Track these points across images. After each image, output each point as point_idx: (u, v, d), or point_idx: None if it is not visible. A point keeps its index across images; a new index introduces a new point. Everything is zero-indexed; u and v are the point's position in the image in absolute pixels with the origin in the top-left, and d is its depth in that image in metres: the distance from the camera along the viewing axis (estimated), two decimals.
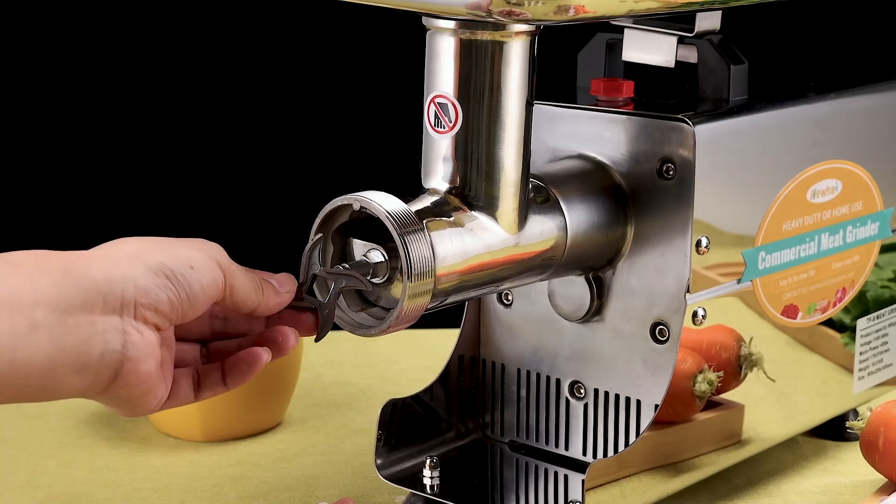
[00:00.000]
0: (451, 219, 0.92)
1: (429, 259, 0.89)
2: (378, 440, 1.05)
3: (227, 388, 0.88)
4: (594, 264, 1.01)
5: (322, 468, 1.14)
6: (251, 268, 0.88)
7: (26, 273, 0.78)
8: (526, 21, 0.88)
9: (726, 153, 1.00)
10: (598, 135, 1.01)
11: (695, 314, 0.99)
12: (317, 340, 0.91)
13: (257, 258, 1.82)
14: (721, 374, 1.02)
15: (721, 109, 1.02)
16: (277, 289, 0.88)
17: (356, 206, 0.89)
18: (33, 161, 1.74)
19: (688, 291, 0.98)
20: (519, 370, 1.07)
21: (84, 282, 0.79)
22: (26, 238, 1.73)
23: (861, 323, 1.14)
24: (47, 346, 0.77)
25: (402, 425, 1.06)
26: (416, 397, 1.07)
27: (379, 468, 1.05)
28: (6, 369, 0.76)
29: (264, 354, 0.88)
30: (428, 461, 1.03)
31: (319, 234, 0.91)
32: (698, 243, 0.98)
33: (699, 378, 1.00)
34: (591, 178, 1.00)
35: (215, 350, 0.91)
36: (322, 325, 0.90)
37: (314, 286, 0.91)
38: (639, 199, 0.99)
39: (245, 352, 0.88)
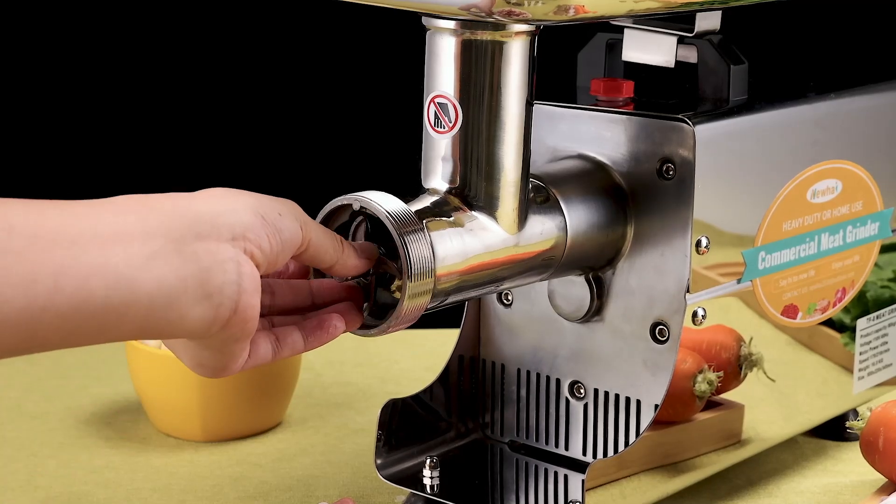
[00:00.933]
0: (451, 219, 0.92)
1: (429, 259, 0.89)
2: (378, 440, 1.05)
3: (306, 348, 0.88)
4: (594, 264, 1.01)
5: (322, 468, 1.14)
6: None
7: (133, 209, 0.78)
8: (526, 21, 0.88)
9: (726, 153, 1.00)
10: (598, 135, 1.01)
11: (695, 314, 0.99)
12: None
13: None
14: (721, 374, 1.02)
15: (721, 109, 1.02)
16: (359, 252, 0.89)
17: (356, 206, 0.89)
18: (33, 161, 1.74)
19: (688, 291, 0.98)
20: (519, 370, 1.07)
21: (192, 214, 0.79)
22: None
23: (861, 323, 1.14)
24: (168, 275, 0.77)
25: (402, 425, 1.06)
26: (416, 397, 1.07)
27: (379, 468, 1.05)
28: (129, 299, 0.76)
29: (340, 324, 0.88)
30: (428, 461, 1.03)
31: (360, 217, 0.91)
32: (698, 243, 0.98)
33: (699, 378, 1.00)
34: (591, 178, 1.00)
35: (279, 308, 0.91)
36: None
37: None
38: (639, 199, 0.99)
39: (326, 316, 0.88)
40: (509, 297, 1.07)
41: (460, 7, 0.87)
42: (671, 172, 0.98)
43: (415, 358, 1.41)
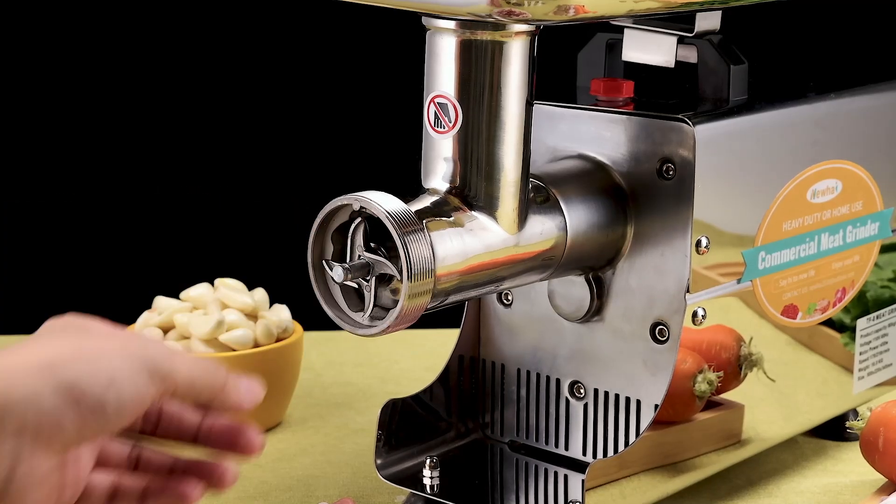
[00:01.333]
0: (451, 219, 0.92)
1: (429, 259, 0.89)
2: (378, 440, 1.05)
3: None
4: (594, 264, 1.01)
5: (322, 468, 1.14)
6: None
7: None
8: (526, 21, 0.88)
9: (726, 153, 1.00)
10: (598, 135, 1.01)
11: (695, 314, 0.99)
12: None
13: (257, 258, 1.82)
14: (721, 374, 1.02)
15: (721, 109, 1.02)
16: (249, 387, 0.78)
17: (356, 206, 0.89)
18: (33, 161, 1.74)
19: (688, 291, 0.98)
20: (519, 370, 1.07)
21: None
22: (26, 238, 1.73)
23: (861, 323, 1.14)
24: None
25: (402, 425, 1.06)
26: (416, 397, 1.07)
27: (379, 468, 1.05)
28: None
29: (196, 492, 0.78)
30: (428, 461, 1.03)
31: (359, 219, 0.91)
32: (698, 243, 0.98)
33: (699, 378, 1.00)
34: (591, 178, 1.00)
35: (145, 460, 0.80)
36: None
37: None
38: (639, 199, 0.99)
39: (176, 484, 0.78)
40: (509, 297, 1.07)
41: (460, 7, 0.87)
42: (671, 172, 0.98)
43: (415, 358, 1.41)
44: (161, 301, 1.22)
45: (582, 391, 1.04)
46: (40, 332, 0.76)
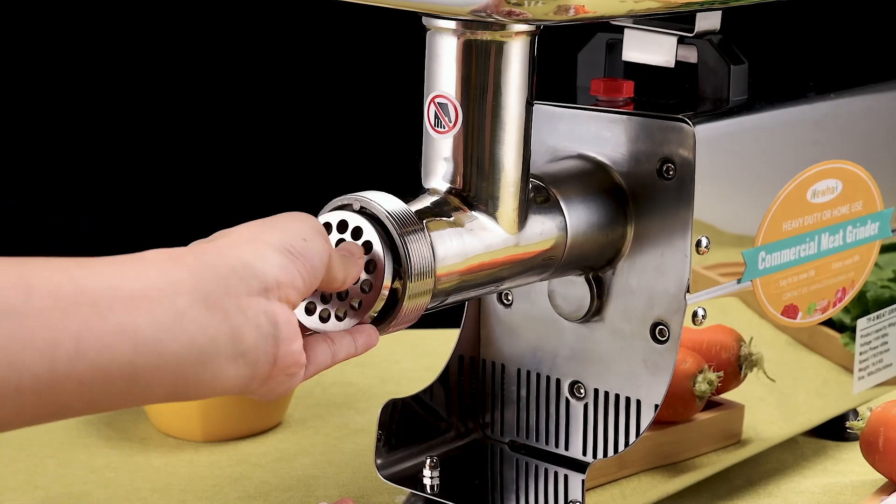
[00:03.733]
0: (451, 219, 0.92)
1: (429, 259, 0.89)
2: (378, 440, 1.05)
3: (357, 352, 0.86)
4: (594, 264, 1.01)
5: (322, 468, 1.14)
6: None
7: (158, 264, 0.74)
8: (526, 21, 0.88)
9: (726, 153, 1.00)
10: (598, 135, 1.01)
11: (695, 314, 0.99)
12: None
13: None
14: (721, 374, 1.02)
15: (721, 109, 1.02)
16: (355, 259, 0.86)
17: (356, 206, 0.89)
18: (34, 160, 1.74)
19: (688, 291, 0.98)
20: (519, 370, 1.07)
21: (221, 268, 0.75)
22: (25, 237, 1.73)
23: (861, 323, 1.14)
24: (197, 334, 0.73)
25: (402, 425, 1.06)
26: (416, 397, 1.07)
27: (379, 468, 1.05)
28: (156, 362, 0.72)
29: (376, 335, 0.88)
30: (428, 461, 1.03)
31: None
32: (698, 243, 0.98)
33: (699, 378, 1.00)
34: (591, 178, 1.00)
35: None
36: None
37: None
38: (639, 199, 0.99)
39: (368, 326, 0.87)
40: (509, 297, 1.07)
41: (461, 7, 0.87)
42: (671, 172, 0.98)
43: (415, 358, 1.41)
44: None
45: (582, 391, 1.04)
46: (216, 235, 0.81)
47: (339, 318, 0.88)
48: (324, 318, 0.88)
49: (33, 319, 0.68)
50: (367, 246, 0.88)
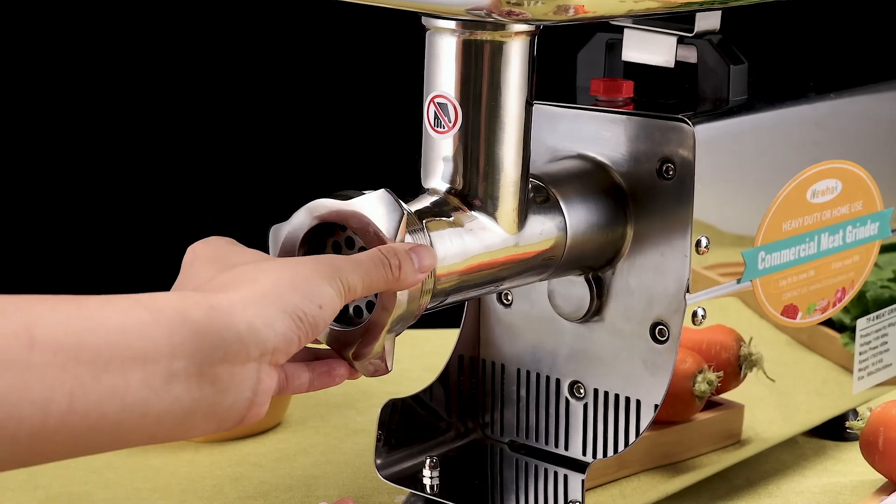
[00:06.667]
0: (451, 219, 0.92)
1: None
2: (378, 440, 1.05)
3: (309, 389, 0.86)
4: (594, 264, 1.01)
5: (322, 468, 1.14)
6: None
7: (166, 321, 0.75)
8: (526, 21, 0.88)
9: (726, 153, 1.00)
10: (597, 135, 1.01)
11: (695, 314, 0.99)
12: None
13: None
14: (721, 374, 1.02)
15: (721, 109, 1.02)
16: (417, 265, 0.86)
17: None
18: (34, 160, 1.74)
19: (688, 291, 0.98)
20: (519, 370, 1.07)
21: (227, 332, 0.76)
22: (25, 237, 1.73)
23: (861, 323, 1.14)
24: (183, 396, 0.75)
25: (402, 425, 1.06)
26: (416, 397, 1.07)
27: (379, 468, 1.05)
28: (138, 421, 0.74)
29: (345, 372, 0.88)
30: (428, 461, 1.03)
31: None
32: (698, 243, 0.98)
33: (699, 378, 1.00)
34: (591, 178, 1.00)
35: None
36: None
37: None
38: (639, 199, 0.99)
39: (334, 362, 0.87)
40: (509, 297, 1.07)
41: (460, 7, 0.87)
42: (671, 172, 0.98)
43: (415, 358, 1.41)
44: None
45: (582, 391, 1.04)
46: (192, 260, 0.83)
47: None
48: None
49: (32, 373, 0.70)
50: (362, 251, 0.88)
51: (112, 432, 0.74)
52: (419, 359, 1.41)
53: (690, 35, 1.04)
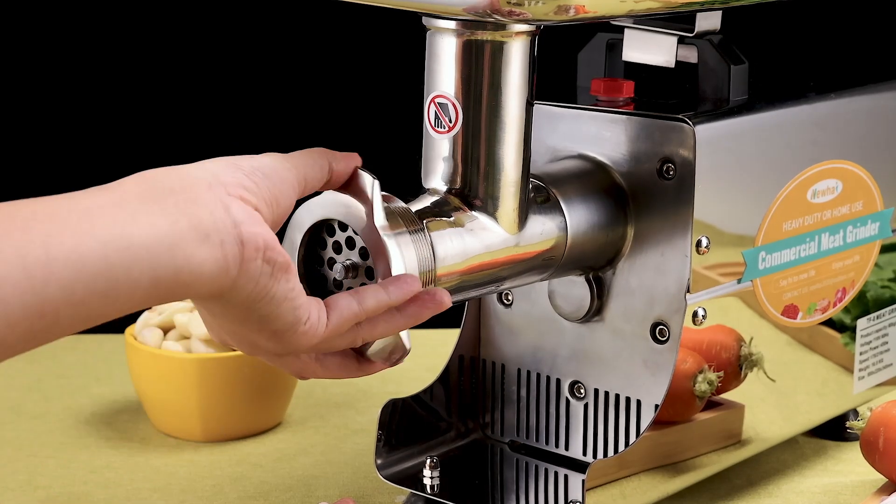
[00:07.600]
0: (452, 219, 0.92)
1: (429, 259, 0.89)
2: (378, 440, 1.05)
3: (391, 300, 0.86)
4: (594, 264, 1.01)
5: (322, 468, 1.14)
6: None
7: (98, 189, 0.77)
8: (526, 21, 0.88)
9: (726, 153, 1.00)
10: (598, 135, 1.01)
11: (695, 314, 0.99)
12: None
13: None
14: (721, 374, 1.02)
15: (721, 109, 1.02)
16: (342, 160, 0.91)
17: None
18: (34, 160, 1.74)
19: (688, 291, 0.98)
20: (519, 370, 1.07)
21: (158, 178, 0.79)
22: None
23: (861, 323, 1.14)
24: (157, 222, 0.75)
25: (402, 425, 1.06)
26: (416, 397, 1.07)
27: (379, 468, 1.05)
28: (126, 253, 0.74)
29: (447, 298, 0.89)
30: (428, 461, 1.03)
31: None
32: (698, 243, 0.98)
33: (699, 378, 1.00)
34: (592, 178, 1.00)
35: None
36: None
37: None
38: (639, 199, 0.99)
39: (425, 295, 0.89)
40: (509, 297, 1.07)
41: (461, 7, 0.87)
42: (671, 172, 0.98)
43: (415, 358, 1.40)
44: None
45: (582, 391, 1.04)
46: (131, 181, 0.81)
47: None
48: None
49: None
50: (364, 252, 0.88)
51: (104, 271, 0.73)
52: (419, 359, 1.40)
53: (691, 35, 1.04)
